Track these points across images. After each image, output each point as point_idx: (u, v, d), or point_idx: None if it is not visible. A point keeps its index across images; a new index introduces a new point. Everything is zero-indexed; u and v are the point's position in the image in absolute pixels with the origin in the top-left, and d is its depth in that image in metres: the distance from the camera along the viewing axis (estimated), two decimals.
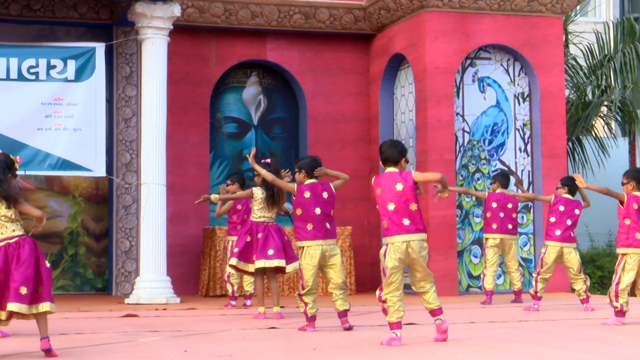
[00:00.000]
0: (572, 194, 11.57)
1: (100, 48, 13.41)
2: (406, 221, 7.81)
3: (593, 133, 19.47)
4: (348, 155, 15.61)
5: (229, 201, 12.01)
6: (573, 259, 11.46)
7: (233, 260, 10.56)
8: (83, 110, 13.25)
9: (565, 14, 15.18)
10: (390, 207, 7.82)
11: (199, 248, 14.69)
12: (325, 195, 9.13)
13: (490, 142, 14.67)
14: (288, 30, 15.41)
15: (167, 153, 13.44)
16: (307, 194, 9.12)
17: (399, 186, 7.85)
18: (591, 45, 19.59)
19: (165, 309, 11.94)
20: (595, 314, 10.80)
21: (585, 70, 19.43)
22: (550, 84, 14.75)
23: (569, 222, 11.46)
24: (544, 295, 11.61)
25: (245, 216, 11.85)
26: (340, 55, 15.85)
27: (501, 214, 12.61)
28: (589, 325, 9.56)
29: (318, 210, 9.07)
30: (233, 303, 12.18)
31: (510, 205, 12.67)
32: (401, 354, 7.16)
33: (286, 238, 10.60)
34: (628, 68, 18.79)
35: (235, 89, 15.73)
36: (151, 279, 12.95)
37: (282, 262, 10.37)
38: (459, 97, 14.53)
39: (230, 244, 12.21)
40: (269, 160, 10.69)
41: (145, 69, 13.28)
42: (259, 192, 10.53)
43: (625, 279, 9.74)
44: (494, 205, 12.65)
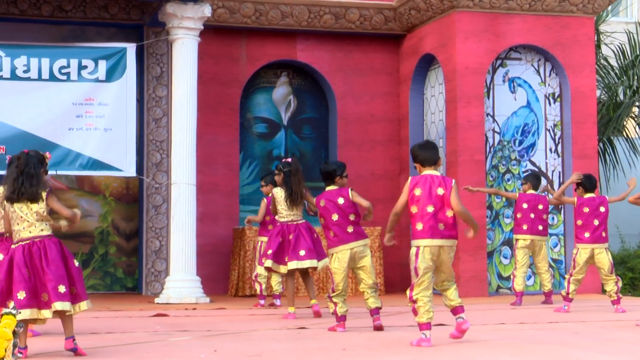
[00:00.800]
0: (591, 191, 11.44)
1: (131, 48, 13.48)
2: (441, 226, 7.81)
3: (624, 134, 19.33)
4: (378, 156, 15.60)
5: (263, 204, 12.11)
6: (604, 259, 11.33)
7: (268, 262, 10.58)
8: (114, 110, 13.32)
9: (597, 14, 15.09)
10: (429, 210, 7.80)
11: (228, 248, 14.72)
12: (340, 200, 9.14)
13: (520, 143, 14.61)
14: (318, 31, 15.42)
15: (197, 153, 13.49)
16: (322, 203, 9.18)
17: (440, 190, 7.82)
18: (623, 46, 19.45)
19: (194, 309, 11.97)
20: (626, 315, 10.73)
21: (617, 71, 19.31)
22: (582, 84, 14.67)
23: (596, 222, 11.33)
24: (574, 297, 11.54)
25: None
26: (370, 56, 15.84)
27: (532, 215, 12.54)
28: (620, 326, 9.49)
29: (335, 217, 9.10)
30: (262, 302, 12.20)
31: (541, 207, 12.60)
32: (430, 355, 7.14)
33: (315, 235, 10.66)
34: None
35: (265, 89, 15.76)
36: (181, 278, 13.00)
37: (314, 262, 10.45)
38: (489, 98, 14.48)
39: (260, 244, 12.23)
40: (289, 159, 10.72)
41: (176, 69, 13.33)
42: (280, 193, 10.61)
43: None
44: (525, 206, 12.57)
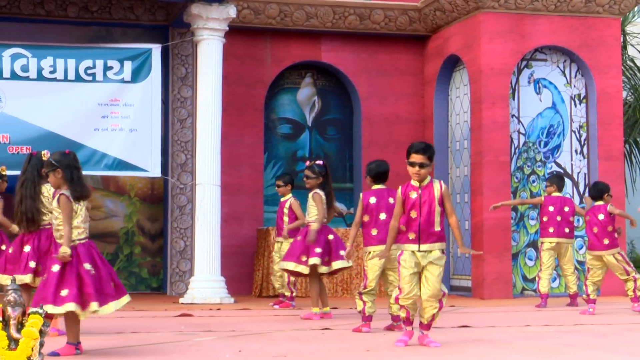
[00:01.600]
0: (596, 199, 11.68)
1: (156, 49, 13.52)
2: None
3: None
4: (402, 157, 15.43)
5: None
6: (613, 265, 11.44)
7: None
8: (139, 111, 13.36)
9: (623, 14, 15.00)
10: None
11: (252, 248, 14.74)
12: (391, 200, 9.07)
13: (545, 144, 14.55)
14: (343, 32, 15.41)
15: (222, 154, 13.51)
16: (373, 200, 9.13)
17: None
18: None
19: (219, 309, 11.99)
20: None
21: None
22: (608, 85, 14.59)
23: (595, 230, 11.47)
24: (601, 299, 11.49)
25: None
26: (395, 57, 15.82)
27: (558, 218, 12.49)
28: None
29: (383, 216, 9.04)
30: (293, 304, 12.21)
31: (567, 209, 12.54)
32: (454, 356, 7.12)
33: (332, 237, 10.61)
34: None
35: (290, 90, 15.77)
36: (205, 278, 13.02)
37: (343, 263, 10.45)
38: (514, 99, 14.43)
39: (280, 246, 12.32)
40: (321, 162, 10.70)
41: (201, 70, 13.36)
42: (323, 195, 10.61)
43: None
44: (551, 208, 12.52)
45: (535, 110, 14.55)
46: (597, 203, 11.60)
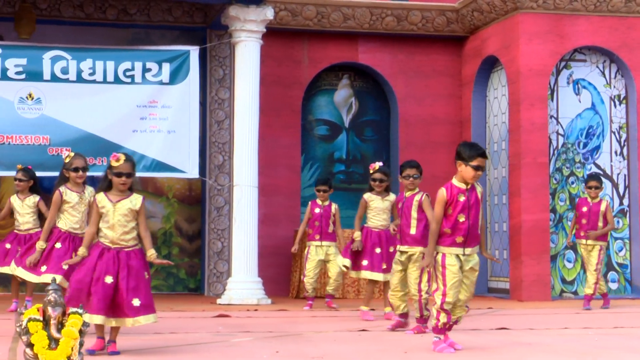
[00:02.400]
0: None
1: (194, 51, 13.58)
2: None
3: None
4: (440, 158, 15.51)
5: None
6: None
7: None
8: (177, 112, 13.42)
9: None
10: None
11: (289, 249, 14.74)
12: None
13: (585, 145, 14.45)
14: (380, 33, 15.40)
15: (259, 155, 13.54)
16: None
17: None
18: None
19: (256, 310, 12.02)
20: None
21: None
22: None
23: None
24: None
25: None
26: (432, 58, 15.79)
27: (583, 221, 12.55)
28: None
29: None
30: (334, 305, 12.21)
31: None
32: (493, 358, 7.09)
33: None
34: None
35: (327, 92, 15.78)
36: (243, 279, 13.06)
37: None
38: (553, 100, 14.34)
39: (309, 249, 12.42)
40: (381, 163, 10.63)
41: (238, 72, 13.40)
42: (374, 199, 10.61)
43: None
44: (585, 209, 12.56)
45: (575, 111, 14.46)
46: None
